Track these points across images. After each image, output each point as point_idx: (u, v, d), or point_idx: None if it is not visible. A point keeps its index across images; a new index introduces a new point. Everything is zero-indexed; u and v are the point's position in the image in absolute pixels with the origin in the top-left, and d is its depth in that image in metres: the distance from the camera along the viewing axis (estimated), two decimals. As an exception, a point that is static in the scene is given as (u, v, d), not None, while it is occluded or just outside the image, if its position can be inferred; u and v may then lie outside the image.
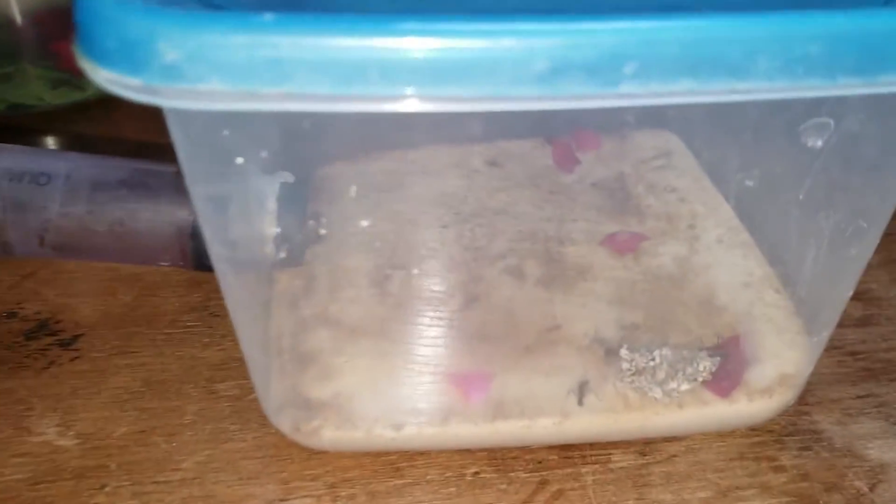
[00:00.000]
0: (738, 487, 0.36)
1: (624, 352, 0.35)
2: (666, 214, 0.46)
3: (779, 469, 0.37)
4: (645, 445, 0.38)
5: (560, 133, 0.51)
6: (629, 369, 0.34)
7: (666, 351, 0.34)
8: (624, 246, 0.43)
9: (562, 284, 0.42)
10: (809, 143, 0.29)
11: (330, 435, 0.35)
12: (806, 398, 0.40)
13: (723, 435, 0.39)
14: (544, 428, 0.35)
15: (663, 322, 0.39)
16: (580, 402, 0.35)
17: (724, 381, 0.35)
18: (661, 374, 0.34)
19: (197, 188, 0.32)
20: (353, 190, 0.44)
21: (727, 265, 0.42)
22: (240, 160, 0.32)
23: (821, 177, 0.30)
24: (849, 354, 0.43)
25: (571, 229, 0.45)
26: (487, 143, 0.52)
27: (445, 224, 0.45)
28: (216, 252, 0.33)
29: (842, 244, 0.31)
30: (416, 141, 0.48)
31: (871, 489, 0.36)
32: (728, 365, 0.35)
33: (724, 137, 0.44)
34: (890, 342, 0.44)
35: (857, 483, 0.36)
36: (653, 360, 0.34)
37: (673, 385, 0.34)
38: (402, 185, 0.47)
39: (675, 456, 0.38)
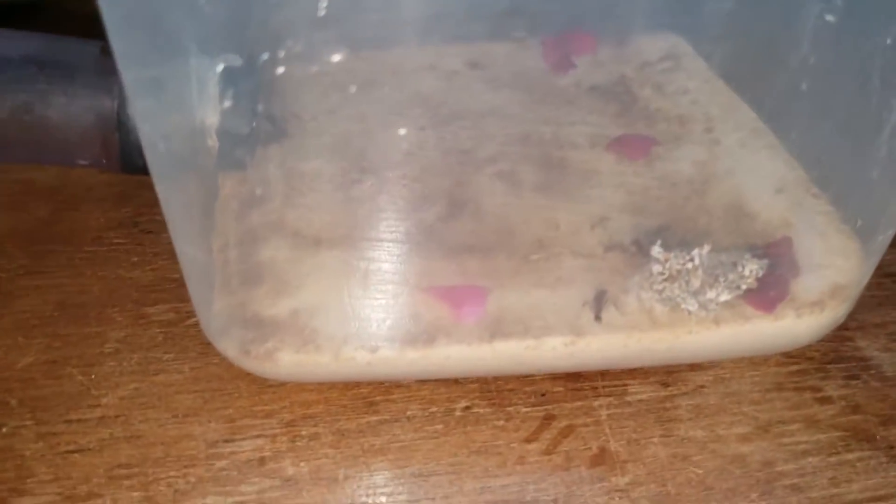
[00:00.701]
0: (780, 421, 0.30)
1: (657, 250, 0.28)
2: (678, 117, 0.39)
3: (825, 400, 0.31)
4: (667, 375, 0.32)
5: (548, 34, 0.45)
6: (661, 273, 0.28)
7: (706, 249, 0.28)
8: (634, 150, 0.37)
9: (564, 191, 0.35)
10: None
11: (288, 359, 0.28)
12: (846, 323, 0.34)
13: (755, 363, 0.33)
14: (553, 349, 0.29)
15: (686, 231, 0.33)
16: (598, 317, 0.28)
17: (771, 290, 0.29)
18: (696, 282, 0.28)
19: (129, 71, 0.25)
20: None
21: (754, 169, 0.36)
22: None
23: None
24: (887, 276, 0.37)
25: (571, 133, 0.38)
26: (466, 43, 0.45)
27: (423, 126, 0.38)
28: (151, 147, 0.26)
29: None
30: (385, 41, 0.41)
31: (934, 423, 0.30)
32: (777, 271, 0.29)
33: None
34: (933, 263, 0.38)
35: (917, 416, 0.31)
36: (691, 260, 0.28)
37: (711, 295, 0.28)
38: (369, 84, 0.40)
39: (702, 387, 0.31)
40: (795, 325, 0.30)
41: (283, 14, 0.35)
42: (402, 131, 0.38)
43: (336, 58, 0.39)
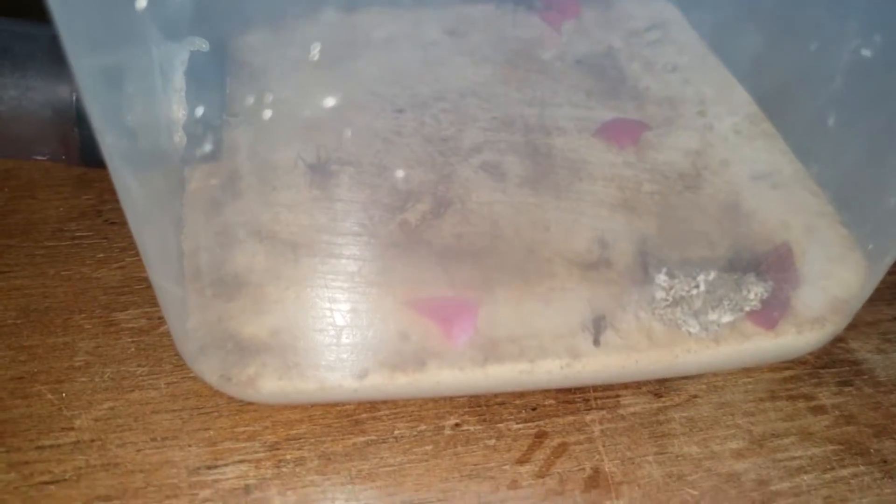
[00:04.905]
0: (774, 434, 0.30)
1: (662, 278, 0.27)
2: (668, 99, 0.37)
3: (818, 410, 0.31)
4: (659, 385, 0.31)
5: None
6: (665, 299, 0.27)
7: (712, 275, 0.27)
8: (623, 136, 0.35)
9: (553, 186, 0.33)
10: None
11: (271, 387, 0.27)
12: (838, 321, 0.34)
13: (748, 369, 0.32)
14: (548, 373, 0.28)
15: (681, 233, 0.31)
16: (596, 342, 0.27)
17: (774, 309, 0.28)
18: (698, 303, 0.27)
19: (81, 60, 0.22)
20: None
21: (749, 161, 0.35)
22: (142, 3, 0.22)
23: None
24: (879, 267, 0.36)
25: (557, 116, 0.36)
26: (443, 8, 0.42)
27: (400, 108, 0.36)
28: (109, 144, 0.23)
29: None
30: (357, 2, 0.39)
31: (926, 432, 0.30)
32: (780, 290, 0.28)
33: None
34: (924, 251, 0.37)
35: (909, 425, 0.30)
36: (696, 287, 0.27)
37: (713, 317, 0.27)
38: (342, 57, 0.38)
39: (696, 397, 0.31)
40: (796, 340, 0.29)
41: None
42: (380, 116, 0.36)
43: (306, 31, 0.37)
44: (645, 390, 0.31)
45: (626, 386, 0.31)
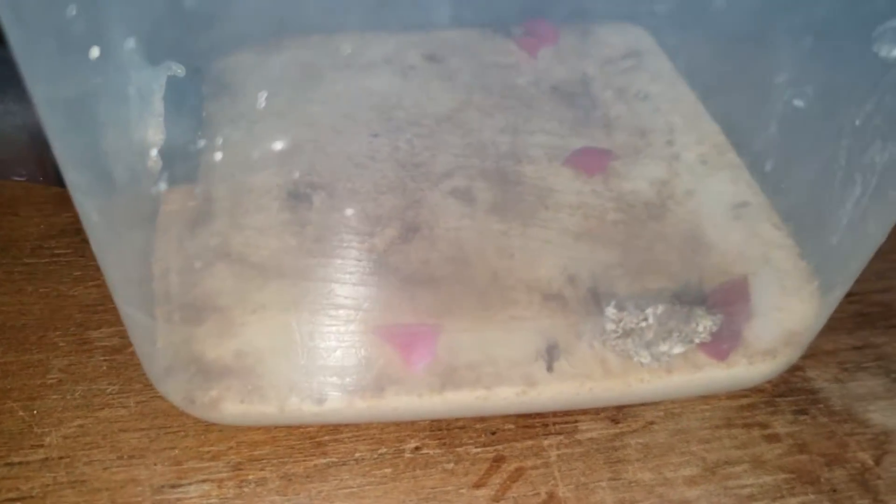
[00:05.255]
0: (727, 462, 0.30)
1: (611, 311, 0.28)
2: (638, 128, 0.38)
3: (772, 438, 0.31)
4: (617, 411, 0.32)
5: (511, 21, 0.43)
6: (615, 331, 0.27)
7: (661, 309, 0.28)
8: (591, 165, 0.36)
9: (519, 212, 0.34)
10: (883, 53, 0.22)
11: (233, 409, 0.28)
12: (798, 349, 0.34)
13: (706, 397, 0.33)
14: (504, 399, 0.28)
15: (643, 263, 0.32)
16: (549, 368, 0.28)
17: (725, 342, 0.29)
18: (649, 335, 0.28)
19: (39, 88, 0.23)
20: (262, 98, 0.35)
21: (713, 192, 0.35)
22: (95, 53, 0.23)
23: (889, 98, 0.23)
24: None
25: (529, 143, 0.37)
26: (425, 33, 0.43)
27: (376, 133, 0.37)
28: (71, 180, 0.24)
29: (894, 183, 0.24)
30: (338, 24, 0.39)
31: (877, 462, 0.31)
32: (731, 323, 0.28)
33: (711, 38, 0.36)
34: (887, 281, 0.38)
35: (861, 455, 0.31)
36: (644, 320, 0.27)
37: (664, 348, 0.28)
38: (321, 80, 0.38)
39: (652, 423, 0.31)
40: (747, 371, 0.30)
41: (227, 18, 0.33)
42: (354, 141, 0.37)
43: (285, 54, 0.38)
44: (603, 416, 0.31)
45: (584, 412, 0.31)
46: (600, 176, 0.36)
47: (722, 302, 0.29)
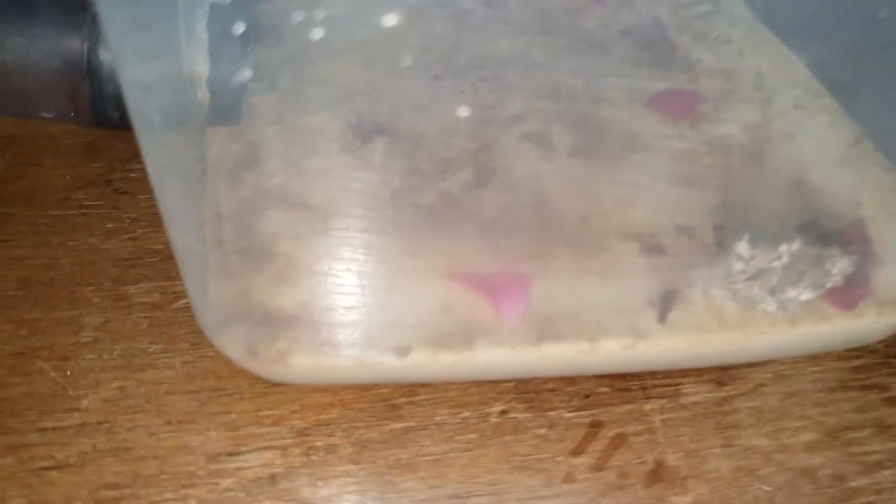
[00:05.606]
0: (847, 427, 0.27)
1: (743, 247, 0.24)
2: (723, 71, 0.35)
3: (893, 402, 0.28)
4: (722, 373, 0.28)
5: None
6: (743, 272, 0.24)
7: (796, 245, 0.24)
8: (677, 108, 0.33)
9: (604, 157, 0.31)
10: None
11: (302, 363, 0.24)
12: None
13: (815, 358, 0.29)
14: (609, 354, 0.25)
15: (748, 206, 0.29)
16: (662, 319, 0.25)
17: (855, 288, 0.25)
18: (775, 279, 0.24)
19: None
20: (315, 35, 0.32)
21: (814, 136, 0.32)
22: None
23: None
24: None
25: (604, 86, 0.34)
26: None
27: (436, 75, 0.34)
28: (136, 99, 0.21)
29: None
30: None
31: None
32: (863, 267, 0.25)
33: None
34: None
35: None
36: (778, 258, 0.24)
37: (792, 294, 0.24)
38: (372, 21, 0.35)
39: (762, 386, 0.28)
40: (874, 323, 0.26)
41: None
42: (414, 83, 0.33)
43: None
44: (707, 378, 0.28)
45: (686, 374, 0.28)
46: (688, 119, 0.32)
47: (850, 245, 0.26)
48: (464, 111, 0.32)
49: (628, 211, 0.28)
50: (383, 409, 0.26)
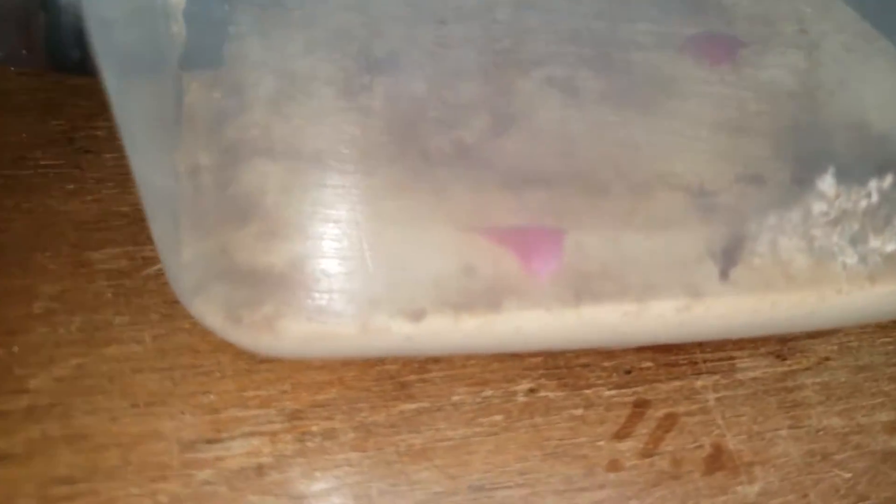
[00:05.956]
0: (931, 406, 0.23)
1: (829, 180, 0.20)
2: (761, 15, 0.31)
3: (979, 376, 0.24)
4: (781, 345, 0.25)
5: None
6: (825, 214, 0.20)
7: (889, 180, 0.20)
8: (716, 52, 0.29)
9: (637, 104, 0.27)
10: None
11: (295, 329, 0.20)
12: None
13: (884, 327, 0.26)
14: (660, 317, 0.21)
15: (806, 154, 0.25)
16: (724, 276, 0.21)
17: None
18: (856, 225, 0.20)
19: None
20: None
21: (869, 80, 0.29)
22: None
23: None
24: None
25: (632, 31, 0.30)
26: None
27: (442, 19, 0.30)
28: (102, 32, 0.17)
29: None
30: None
31: None
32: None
33: None
34: None
35: None
36: (867, 195, 0.20)
37: (875, 243, 0.21)
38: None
39: (827, 359, 0.24)
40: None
41: None
42: (419, 27, 0.29)
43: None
44: (764, 351, 0.24)
45: (740, 346, 0.24)
46: (728, 65, 0.29)
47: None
48: (473, 54, 0.28)
49: (671, 160, 0.25)
50: (391, 388, 0.22)
